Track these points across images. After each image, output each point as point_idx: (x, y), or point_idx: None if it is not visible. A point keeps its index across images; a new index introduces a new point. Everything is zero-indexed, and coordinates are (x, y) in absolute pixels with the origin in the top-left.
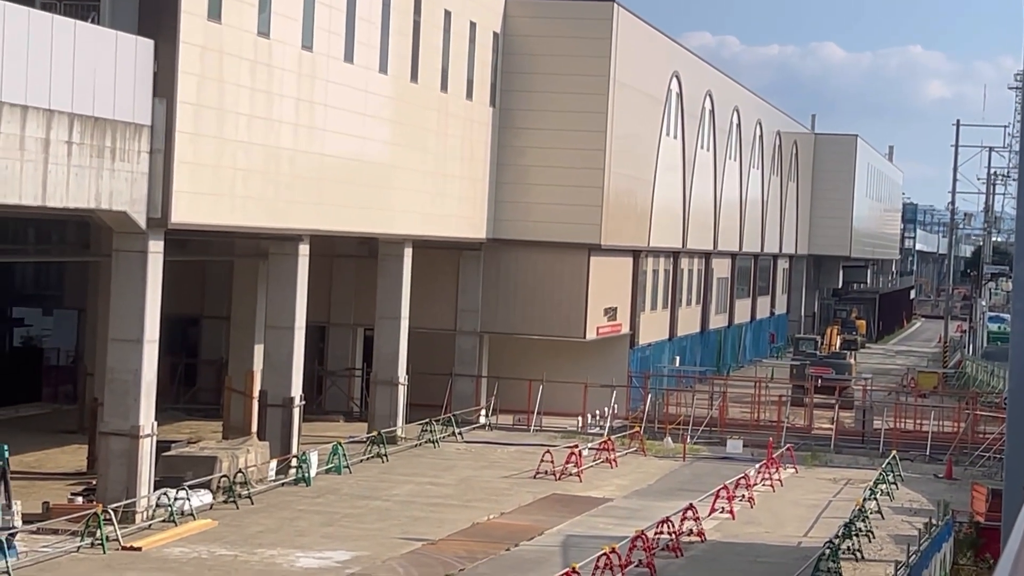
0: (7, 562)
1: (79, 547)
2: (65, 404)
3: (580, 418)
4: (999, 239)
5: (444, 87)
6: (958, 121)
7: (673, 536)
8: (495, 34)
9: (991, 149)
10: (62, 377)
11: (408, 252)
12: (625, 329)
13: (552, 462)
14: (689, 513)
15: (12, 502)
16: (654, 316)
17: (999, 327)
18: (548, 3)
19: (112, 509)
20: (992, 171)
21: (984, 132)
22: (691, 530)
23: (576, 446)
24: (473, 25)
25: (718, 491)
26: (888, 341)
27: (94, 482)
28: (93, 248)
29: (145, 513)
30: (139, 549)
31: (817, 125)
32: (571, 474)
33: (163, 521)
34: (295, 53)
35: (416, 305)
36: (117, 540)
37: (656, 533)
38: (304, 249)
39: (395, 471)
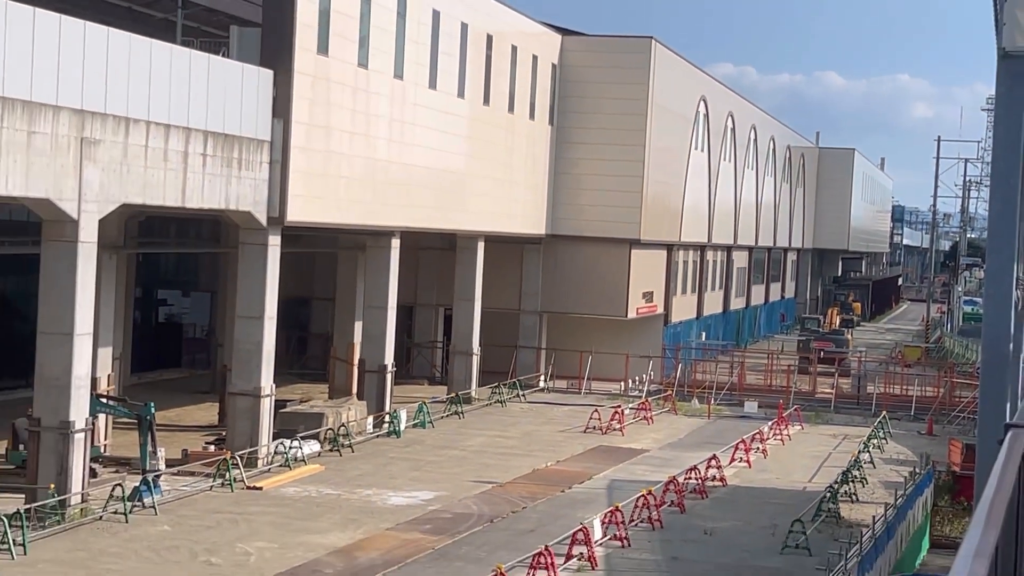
0: (154, 498)
1: (211, 487)
2: (200, 369)
3: (622, 383)
4: (973, 235)
5: (511, 109)
6: (939, 137)
7: (699, 481)
8: (553, 65)
9: (967, 160)
10: (197, 347)
11: (481, 245)
12: (660, 309)
13: (599, 419)
14: (713, 462)
15: (157, 449)
16: (684, 299)
17: (972, 309)
18: (597, 39)
19: (238, 456)
20: (967, 179)
21: (961, 146)
22: (714, 476)
23: (619, 406)
24: (535, 58)
25: (737, 444)
26: (879, 320)
27: (223, 433)
28: (223, 241)
29: (265, 459)
30: (260, 488)
31: (820, 140)
32: (615, 429)
33: (280, 466)
34: (388, 81)
35: (487, 289)
36: (242, 481)
37: (685, 478)
38: (395, 243)
39: (469, 426)
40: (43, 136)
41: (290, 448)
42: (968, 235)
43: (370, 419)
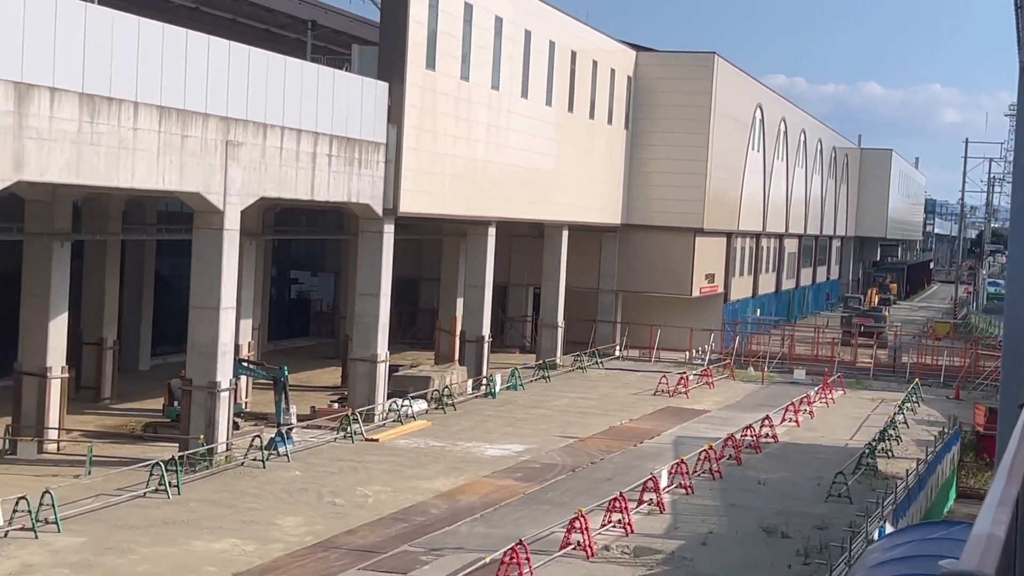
0: (286, 448)
1: (335, 439)
2: (325, 339)
3: (686, 353)
4: (996, 225)
5: (592, 115)
6: (967, 139)
7: (754, 438)
8: (629, 77)
9: (991, 160)
10: (323, 320)
11: (565, 233)
12: (720, 289)
13: (667, 384)
14: (766, 422)
15: (290, 406)
16: (741, 280)
17: (995, 290)
18: (667, 54)
19: (358, 412)
20: (991, 176)
21: (986, 147)
22: (767, 434)
23: (684, 373)
24: (613, 71)
25: (787, 406)
26: (913, 300)
27: (345, 393)
28: (345, 229)
29: (380, 415)
30: (376, 440)
31: (862, 142)
32: (680, 393)
33: (393, 421)
34: (486, 92)
35: (570, 271)
36: (361, 434)
37: (741, 436)
38: (492, 231)
39: (554, 389)
40: (194, 139)
41: (401, 406)
42: (992, 225)
43: (469, 382)
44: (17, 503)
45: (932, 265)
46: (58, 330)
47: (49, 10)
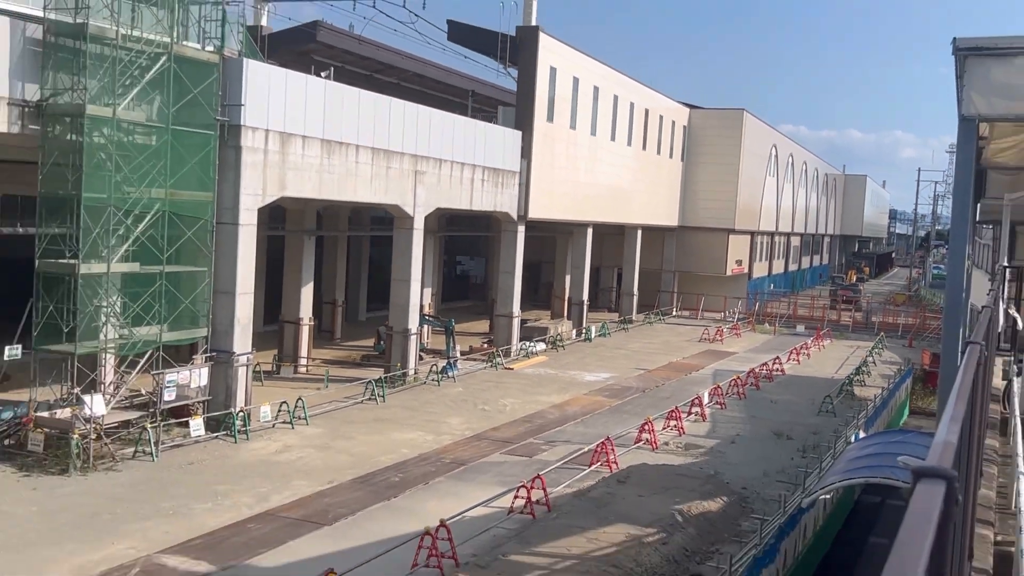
0: (453, 372)
1: (484, 367)
2: (478, 302)
3: (722, 313)
4: (939, 228)
5: (658, 152)
6: (919, 169)
7: (768, 371)
8: (684, 126)
9: (935, 183)
10: (477, 289)
11: (639, 232)
12: (745, 270)
13: (707, 334)
14: (776, 361)
15: (455, 346)
16: (760, 264)
17: (937, 271)
18: (711, 110)
19: (500, 350)
20: (935, 193)
21: (932, 174)
22: (777, 369)
23: (720, 327)
24: (673, 122)
25: (791, 350)
26: (880, 278)
27: (492, 337)
28: (492, 228)
29: (515, 353)
30: (511, 369)
31: (845, 170)
32: (717, 340)
33: (523, 356)
34: (586, 136)
35: (643, 256)
36: (502, 365)
37: (759, 370)
38: (589, 231)
39: (631, 337)
40: (395, 169)
41: (528, 347)
42: (936, 227)
43: (573, 331)
44: (280, 405)
45: (893, 255)
46: (307, 293)
47: (302, 85)
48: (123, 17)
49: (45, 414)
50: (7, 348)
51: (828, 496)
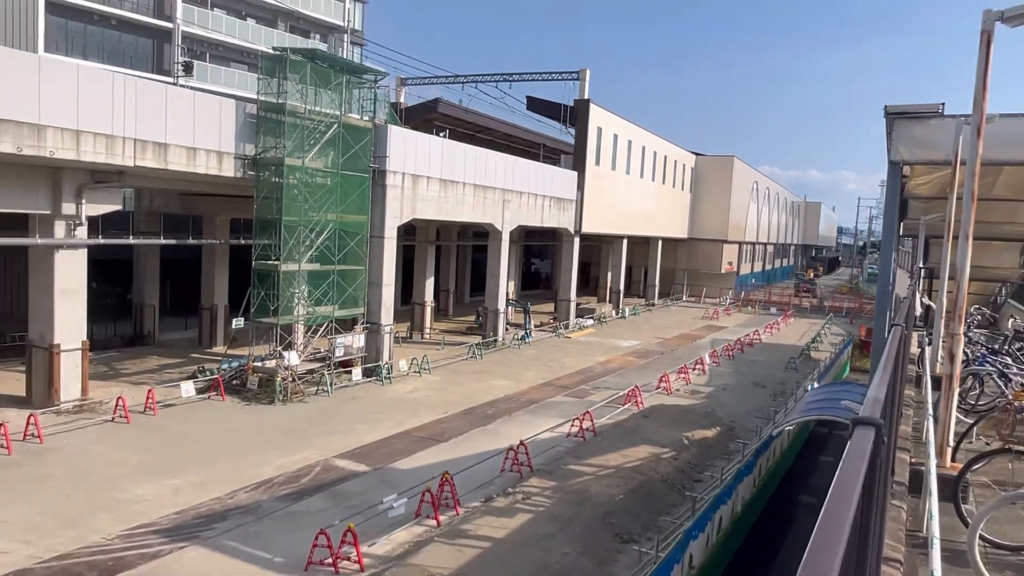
0: (529, 340)
1: (550, 336)
2: (546, 291)
3: (718, 299)
4: (873, 239)
5: (673, 185)
6: (859, 198)
7: (750, 340)
8: (691, 168)
9: (870, 207)
10: (545, 282)
11: (660, 242)
12: (735, 269)
13: (707, 314)
14: (755, 333)
15: (530, 321)
16: (746, 264)
17: (872, 270)
18: (710, 157)
19: (561, 324)
20: (871, 215)
21: (868, 201)
22: (757, 338)
23: (716, 309)
24: (684, 165)
25: (767, 325)
26: (830, 275)
27: (556, 315)
28: (556, 239)
29: (571, 326)
30: (569, 338)
31: (806, 199)
32: (714, 318)
33: (577, 329)
34: (623, 175)
35: (663, 258)
36: (562, 335)
37: (744, 338)
38: (625, 241)
39: (654, 315)
40: (490, 199)
41: (581, 322)
42: (870, 239)
43: (613, 311)
44: (412, 360)
45: (839, 258)
46: (429, 284)
47: (426, 142)
48: (309, 98)
49: (259, 364)
50: (235, 320)
51: (791, 428)
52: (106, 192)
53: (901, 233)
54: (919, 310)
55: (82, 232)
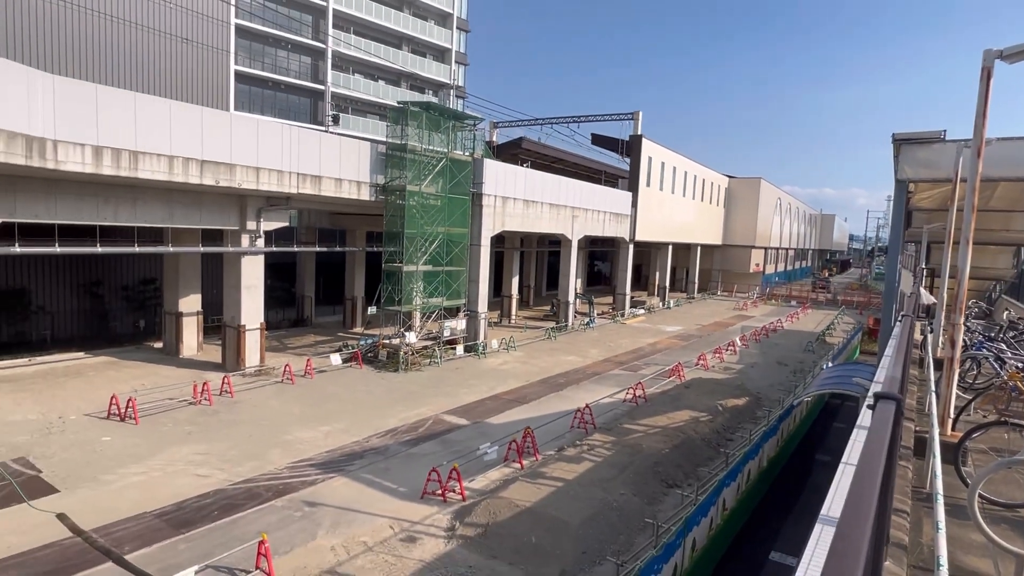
0: (593, 325)
1: (609, 322)
2: (606, 286)
3: (747, 294)
4: (880, 245)
5: (710, 202)
6: (868, 211)
7: (774, 327)
8: (725, 188)
9: (878, 219)
10: (606, 280)
11: (699, 248)
12: (761, 269)
13: (738, 305)
14: (778, 321)
15: (594, 309)
16: (770, 265)
17: (878, 270)
18: (741, 178)
19: (618, 313)
20: (878, 225)
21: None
22: (780, 326)
23: (745, 302)
24: (719, 186)
25: (788, 315)
26: (842, 275)
27: (614, 305)
28: (614, 245)
29: (626, 315)
30: (625, 324)
31: (823, 212)
32: (744, 309)
33: (631, 317)
34: (668, 194)
35: (701, 261)
36: (619, 321)
37: (768, 326)
38: (670, 247)
39: (695, 306)
40: (563, 214)
41: (634, 311)
42: (877, 245)
43: (660, 303)
44: (501, 340)
45: (850, 261)
46: (515, 281)
47: (512, 171)
48: (424, 139)
49: (387, 341)
50: (369, 308)
51: (809, 399)
52: (277, 212)
53: (905, 239)
54: (926, 302)
55: (260, 243)
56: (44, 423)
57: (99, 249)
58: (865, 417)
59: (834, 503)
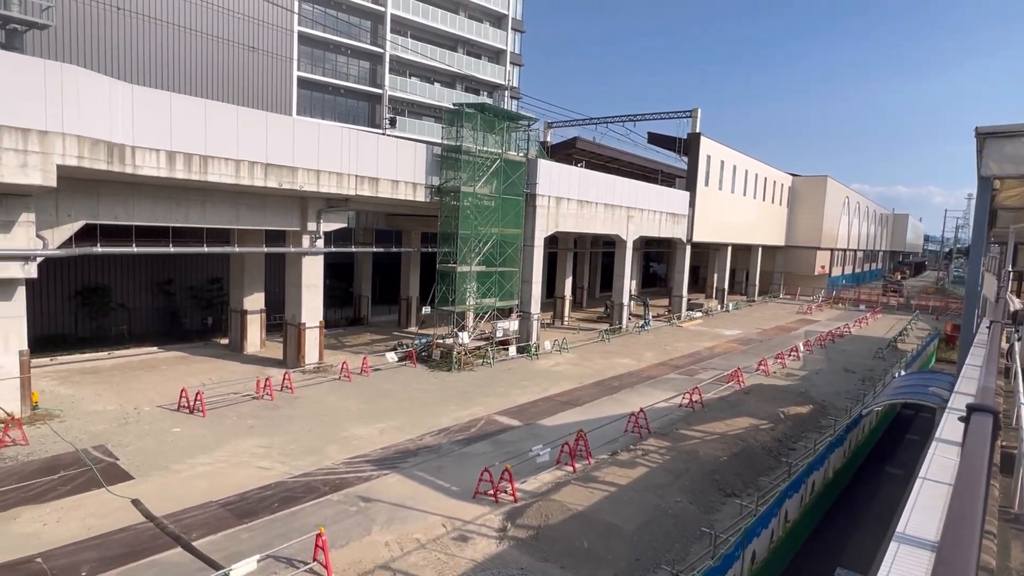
0: (648, 327)
1: (665, 325)
2: (661, 288)
3: (811, 297)
4: (958, 246)
5: (772, 201)
6: (946, 210)
7: (840, 332)
8: (789, 187)
9: (956, 219)
10: (661, 281)
11: (760, 248)
12: (827, 271)
13: (802, 309)
14: (845, 326)
15: (649, 312)
16: (837, 267)
17: (957, 273)
18: (805, 176)
19: (674, 315)
20: (957, 225)
21: (956, 213)
22: (847, 331)
23: (809, 305)
24: (782, 185)
25: (856, 320)
26: (916, 278)
27: (670, 308)
28: (670, 246)
29: (683, 318)
30: (681, 327)
31: (895, 211)
32: (808, 313)
33: (688, 320)
34: (728, 194)
35: (762, 262)
36: (675, 324)
37: (835, 330)
38: (729, 248)
39: (754, 310)
40: (617, 214)
41: (691, 314)
42: (956, 246)
43: (718, 306)
44: (553, 341)
45: (925, 263)
46: (568, 282)
47: (567, 171)
48: (479, 140)
49: (441, 340)
50: (424, 307)
51: (879, 408)
52: (336, 214)
53: (989, 240)
54: (1014, 307)
55: (320, 243)
56: (121, 413)
57: (172, 249)
58: (949, 430)
59: (911, 520)
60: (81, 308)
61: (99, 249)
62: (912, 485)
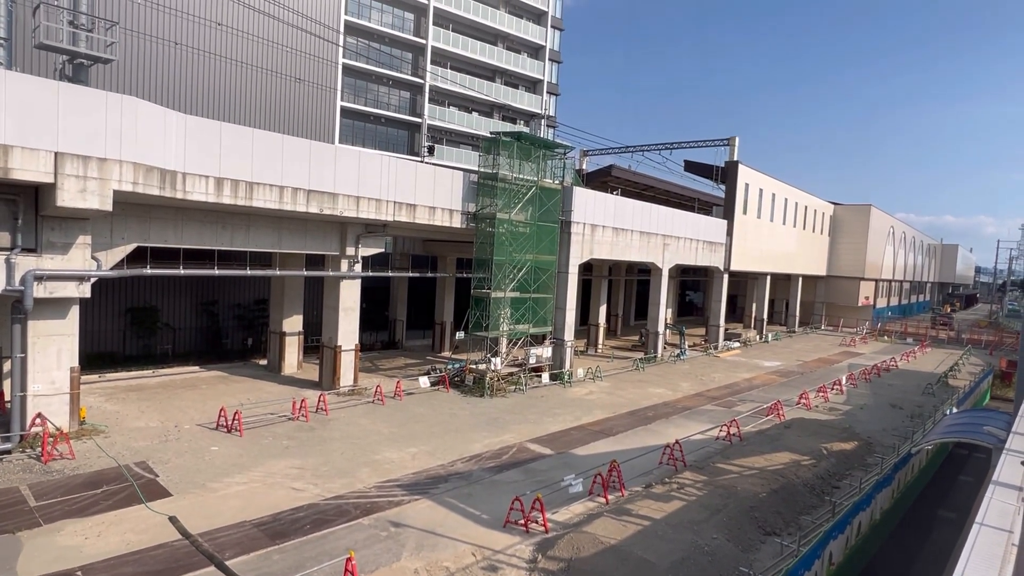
0: (684, 356)
1: (701, 355)
2: (699, 317)
3: (855, 329)
4: (1013, 278)
5: (813, 231)
6: (998, 240)
7: (886, 366)
8: (831, 216)
9: (1010, 250)
10: (698, 310)
11: (800, 279)
12: (871, 302)
13: (845, 341)
14: (891, 360)
15: (685, 341)
16: (882, 299)
17: (1012, 306)
18: (847, 205)
19: (711, 345)
20: (1011, 256)
21: (1010, 244)
22: (893, 365)
23: (853, 337)
24: (823, 214)
25: (903, 354)
26: (967, 310)
27: (707, 337)
28: (707, 275)
29: (720, 348)
30: (719, 357)
31: (944, 241)
32: (851, 345)
33: (725, 350)
34: (767, 222)
35: (803, 292)
36: (712, 354)
37: (880, 364)
38: (768, 278)
39: (794, 341)
40: (653, 243)
41: (729, 344)
42: (1011, 278)
43: (757, 336)
44: (587, 369)
45: (977, 295)
46: (602, 310)
47: (602, 199)
48: (515, 168)
49: (474, 366)
50: (458, 333)
51: (930, 447)
52: (374, 239)
53: None
54: None
55: (358, 268)
56: (162, 431)
57: (217, 271)
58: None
59: (968, 569)
60: (129, 327)
61: (149, 271)
62: (968, 530)
